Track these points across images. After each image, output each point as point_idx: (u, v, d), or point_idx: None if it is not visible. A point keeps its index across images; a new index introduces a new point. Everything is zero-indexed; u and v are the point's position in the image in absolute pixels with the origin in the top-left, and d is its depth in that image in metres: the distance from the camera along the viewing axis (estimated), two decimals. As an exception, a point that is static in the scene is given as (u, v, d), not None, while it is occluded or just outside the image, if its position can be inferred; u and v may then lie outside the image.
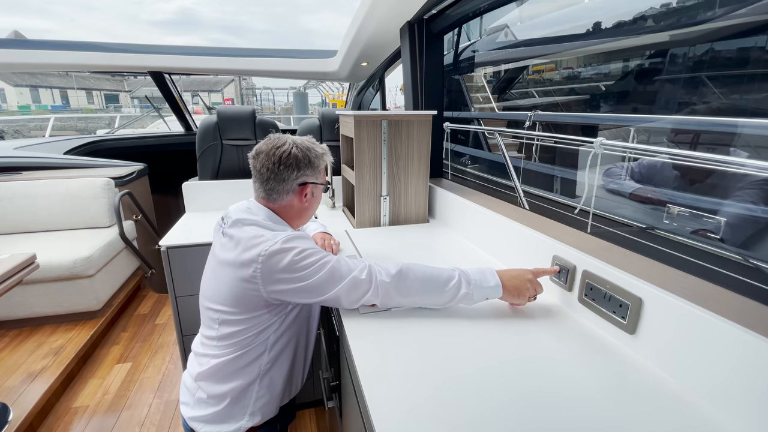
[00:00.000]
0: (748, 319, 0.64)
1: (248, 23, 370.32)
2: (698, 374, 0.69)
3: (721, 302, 0.69)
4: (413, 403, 0.69)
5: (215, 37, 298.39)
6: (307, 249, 0.93)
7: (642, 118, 4.55)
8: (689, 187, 1.71)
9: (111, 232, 2.55)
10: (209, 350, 1.05)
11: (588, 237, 1.06)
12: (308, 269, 0.90)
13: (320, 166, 1.08)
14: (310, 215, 1.13)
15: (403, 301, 0.96)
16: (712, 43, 4.13)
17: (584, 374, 0.76)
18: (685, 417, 0.65)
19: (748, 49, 3.63)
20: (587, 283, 0.93)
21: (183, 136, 3.87)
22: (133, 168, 3.04)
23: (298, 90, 19.15)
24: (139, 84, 13.60)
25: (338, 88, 17.40)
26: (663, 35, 5.17)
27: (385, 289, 0.93)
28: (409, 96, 2.01)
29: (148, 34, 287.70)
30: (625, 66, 5.75)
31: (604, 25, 5.43)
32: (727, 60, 3.81)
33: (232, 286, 0.94)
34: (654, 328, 0.77)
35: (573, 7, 5.52)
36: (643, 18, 5.00)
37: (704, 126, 2.87)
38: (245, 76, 3.18)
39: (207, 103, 6.06)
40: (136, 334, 2.41)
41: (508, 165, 2.08)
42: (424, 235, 1.62)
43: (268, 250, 0.89)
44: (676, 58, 4.54)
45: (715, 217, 1.48)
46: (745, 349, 0.61)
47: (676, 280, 0.78)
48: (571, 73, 6.63)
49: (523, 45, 5.91)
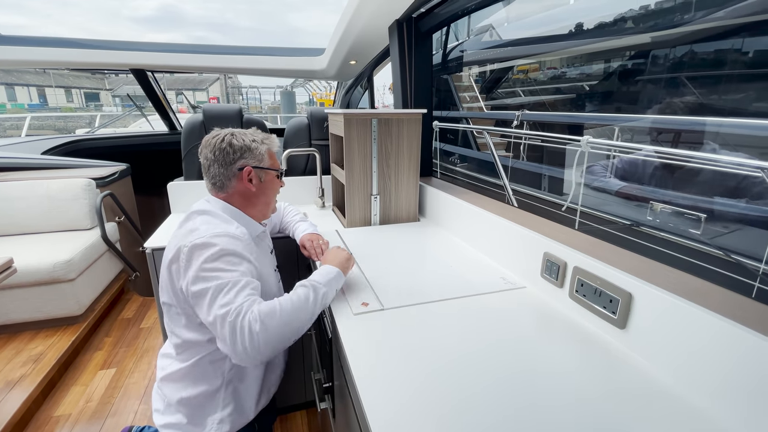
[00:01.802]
0: (734, 312, 0.65)
1: (233, 20, 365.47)
2: (687, 366, 0.70)
3: (708, 296, 0.70)
4: (408, 402, 0.68)
5: (199, 35, 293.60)
6: (227, 255, 0.91)
7: (626, 117, 4.65)
8: (669, 183, 1.76)
9: (93, 235, 2.48)
10: (171, 353, 1.06)
11: (577, 234, 1.07)
12: (213, 273, 0.88)
13: (259, 149, 1.08)
14: (266, 202, 1.13)
15: (284, 336, 0.89)
16: (691, 45, 4.24)
17: (576, 368, 0.77)
18: (675, 408, 0.66)
19: (725, 51, 3.74)
20: (578, 279, 0.94)
21: (167, 135, 3.79)
22: (115, 168, 2.96)
23: (285, 89, 18.97)
24: (120, 82, 13.24)
25: (326, 87, 17.29)
26: (644, 37, 5.29)
27: (258, 345, 0.84)
28: (398, 94, 2.01)
29: (129, 31, 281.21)
30: (607, 66, 5.87)
31: (589, 26, 5.53)
32: (704, 61, 3.92)
33: (166, 278, 0.98)
34: (644, 322, 0.78)
35: (559, 9, 5.60)
36: (624, 20, 5.11)
37: (684, 125, 2.94)
38: (232, 74, 3.12)
39: (192, 102, 5.93)
40: (120, 339, 2.35)
41: (497, 163, 2.09)
42: (415, 234, 1.61)
43: (193, 242, 0.91)
44: (657, 59, 4.65)
45: (695, 213, 1.51)
46: (733, 341, 0.62)
47: (664, 274, 0.80)
48: (554, 73, 6.75)
49: (511, 45, 5.98)
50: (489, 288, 1.10)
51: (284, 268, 1.40)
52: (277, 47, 2.90)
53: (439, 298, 1.04)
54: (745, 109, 3.15)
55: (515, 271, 1.20)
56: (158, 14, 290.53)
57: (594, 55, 5.93)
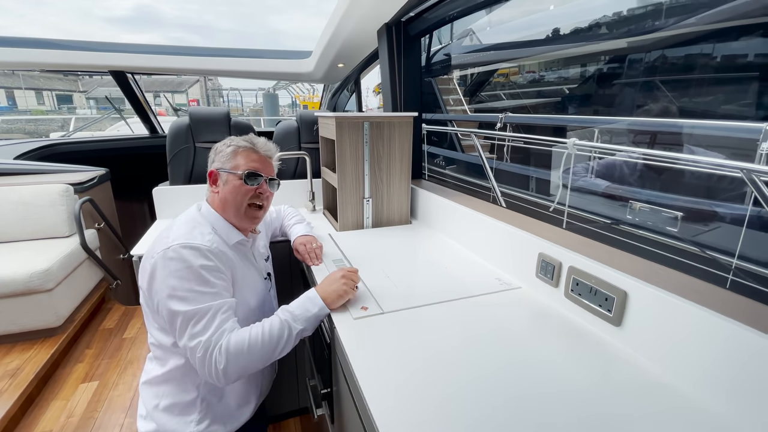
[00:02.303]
0: (728, 309, 0.67)
1: (213, 22, 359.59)
2: (683, 362, 0.72)
3: (702, 293, 0.73)
4: (415, 406, 0.68)
5: (177, 36, 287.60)
6: (195, 274, 0.88)
7: (605, 119, 4.79)
8: (646, 181, 1.82)
9: (71, 242, 2.38)
10: (152, 356, 1.05)
11: (570, 234, 1.10)
12: (183, 293, 0.87)
13: (225, 151, 1.06)
14: (233, 205, 1.04)
15: (249, 369, 0.90)
16: (664, 50, 4.42)
17: (573, 365, 0.78)
18: (673, 401, 0.68)
19: (695, 55, 3.91)
20: (573, 279, 0.96)
21: (147, 138, 3.69)
22: (93, 173, 2.86)
23: (267, 91, 18.77)
24: (95, 84, 12.78)
25: (308, 89, 17.18)
26: (621, 42, 5.47)
27: (223, 374, 0.86)
28: (387, 97, 2.01)
29: (104, 31, 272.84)
30: (585, 71, 6.04)
31: (569, 31, 5.68)
32: (676, 66, 4.09)
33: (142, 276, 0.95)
34: (639, 319, 0.80)
35: (539, 14, 5.73)
36: (598, 25, 5.27)
37: (661, 127, 3.06)
38: (216, 76, 3.03)
39: (172, 104, 5.77)
40: (102, 351, 2.26)
41: (485, 166, 2.12)
42: (408, 237, 1.62)
43: (161, 253, 0.89)
44: (633, 64, 4.81)
45: (671, 211, 1.57)
46: (728, 336, 0.65)
47: (658, 273, 0.82)
48: (533, 77, 6.92)
49: (494, 49, 6.08)
50: (486, 289, 1.12)
51: (277, 272, 1.38)
52: (264, 50, 2.87)
53: (438, 300, 1.05)
54: (714, 111, 3.29)
55: (509, 272, 1.22)
56: (133, 14, 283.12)
57: (572, 60, 6.11)
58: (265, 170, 1.08)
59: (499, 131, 4.58)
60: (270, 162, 1.11)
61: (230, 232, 1.05)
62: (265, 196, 1.09)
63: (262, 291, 1.14)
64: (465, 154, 5.65)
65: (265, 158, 1.09)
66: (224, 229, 1.04)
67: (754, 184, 0.97)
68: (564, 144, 1.74)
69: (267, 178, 1.08)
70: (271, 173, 1.10)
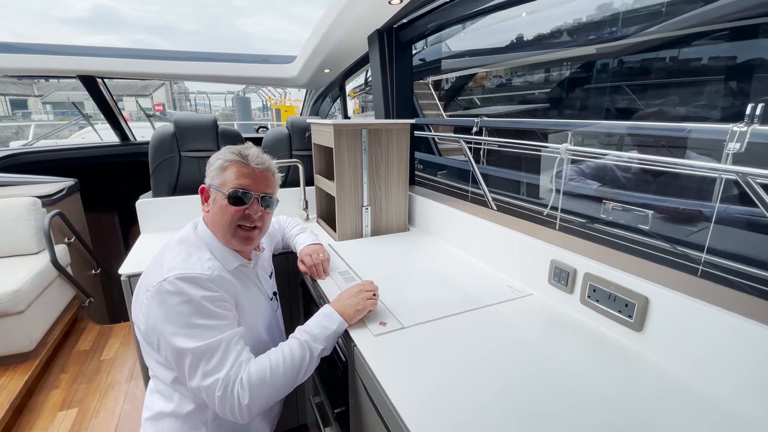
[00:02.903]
0: (755, 312, 0.70)
1: (176, 24, 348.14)
2: (708, 364, 0.74)
3: (726, 298, 0.75)
4: (451, 424, 0.66)
5: (138, 38, 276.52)
6: (197, 308, 0.81)
7: (578, 123, 4.98)
8: (633, 183, 1.90)
9: (41, 260, 2.22)
10: (153, 388, 0.98)
11: (581, 241, 1.11)
12: (187, 330, 0.80)
13: (213, 165, 0.96)
14: (221, 227, 0.94)
15: (272, 400, 0.85)
16: (631, 55, 4.64)
17: (596, 373, 0.79)
18: (700, 405, 0.70)
19: (655, 60, 4.14)
20: (590, 285, 0.97)
21: (118, 146, 3.50)
22: (62, 184, 2.68)
23: (237, 94, 18.31)
24: (51, 87, 11.97)
25: (280, 92, 16.89)
26: (590, 48, 5.70)
27: (247, 410, 0.81)
28: (380, 104, 2.00)
29: (61, 33, 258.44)
30: (549, 75, 6.26)
31: (534, 37, 5.87)
32: (640, 70, 4.31)
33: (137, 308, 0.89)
34: (662, 324, 0.82)
35: (512, 20, 5.89)
36: (565, 32, 5.49)
37: (633, 130, 3.19)
38: (196, 81, 2.88)
39: (145, 111, 5.51)
40: (79, 374, 2.11)
41: (474, 170, 2.13)
42: (409, 244, 1.60)
43: (156, 286, 0.82)
44: (604, 69, 5.03)
45: (645, 210, 1.63)
46: (756, 339, 0.67)
47: (679, 279, 0.84)
48: (500, 81, 7.13)
49: (470, 55, 6.19)
50: (499, 298, 1.11)
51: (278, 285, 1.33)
52: (246, 54, 2.79)
53: (455, 311, 1.03)
54: (671, 112, 3.45)
55: (519, 279, 1.22)
56: (91, 15, 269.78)
57: (536, 65, 6.34)
58: (257, 187, 0.95)
59: (476, 135, 4.67)
60: (264, 175, 0.98)
61: (228, 256, 0.96)
62: (256, 218, 0.96)
63: (268, 314, 1.08)
64: (444, 158, 5.72)
65: (256, 173, 0.96)
66: (221, 252, 0.95)
67: (749, 186, 1.02)
68: (557, 149, 1.79)
69: (258, 195, 0.96)
70: (264, 189, 0.97)
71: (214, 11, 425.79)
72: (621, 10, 4.47)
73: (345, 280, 1.22)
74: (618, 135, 3.59)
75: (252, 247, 1.02)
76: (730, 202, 1.49)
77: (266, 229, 1.02)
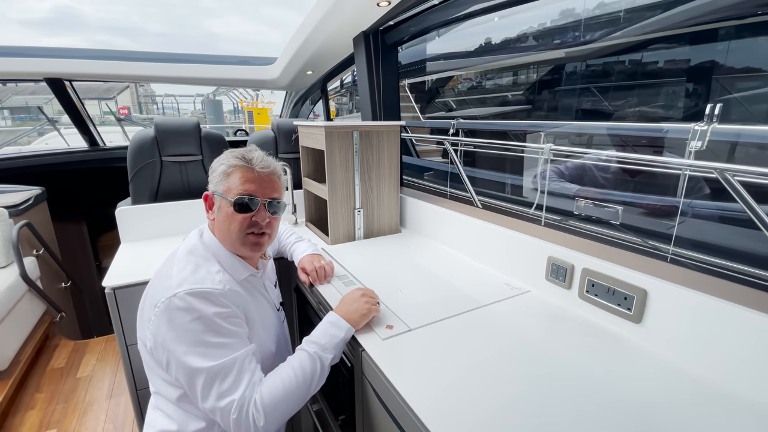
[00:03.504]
0: (760, 304, 0.74)
1: (141, 24, 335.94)
2: (707, 351, 0.78)
3: (723, 289, 0.79)
4: (471, 423, 0.67)
5: (102, 39, 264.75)
6: (210, 325, 0.79)
7: (550, 124, 5.15)
8: (611, 183, 1.98)
9: (9, 273, 2.07)
10: (155, 405, 0.94)
11: (575, 238, 1.15)
12: (200, 348, 0.77)
13: (216, 171, 0.93)
14: (228, 235, 0.91)
15: (286, 417, 0.84)
16: (598, 59, 4.87)
17: (599, 360, 0.82)
18: (700, 391, 0.74)
19: (619, 63, 4.35)
20: (588, 280, 1.01)
21: (87, 152, 3.33)
22: (29, 193, 2.52)
23: (206, 97, 17.82)
24: (9, 92, 11.21)
25: (252, 94, 16.55)
26: (560, 52, 5.93)
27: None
28: (367, 106, 1.99)
29: (20, 35, 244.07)
30: (518, 78, 6.46)
31: (501, 40, 6.03)
32: (606, 73, 4.52)
33: (141, 323, 0.88)
34: (660, 315, 0.86)
35: (486, 24, 6.02)
36: (531, 36, 5.68)
37: (601, 130, 3.32)
38: (170, 83, 2.76)
39: (116, 115, 5.25)
40: (55, 394, 1.99)
41: (460, 172, 2.16)
42: (403, 246, 1.60)
43: (166, 302, 0.79)
44: (573, 72, 5.24)
45: (612, 206, 1.70)
46: (751, 325, 0.71)
47: (675, 272, 0.88)
48: (471, 84, 7.29)
49: (444, 58, 6.28)
50: (498, 296, 1.14)
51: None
52: (224, 56, 2.72)
53: (458, 311, 1.05)
54: (644, 112, 3.62)
55: (515, 276, 1.25)
56: (52, 16, 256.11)
57: (508, 68, 6.52)
58: (263, 192, 0.92)
59: (452, 136, 4.75)
60: (270, 179, 0.95)
61: (238, 266, 0.94)
62: (264, 224, 0.93)
63: (276, 326, 1.05)
64: (423, 159, 5.77)
65: (262, 177, 0.93)
66: (230, 262, 0.92)
67: (728, 182, 1.09)
68: (542, 149, 1.83)
69: (265, 201, 0.93)
70: (270, 194, 0.94)
71: (181, 12, 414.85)
72: (583, 16, 4.68)
73: (344, 285, 1.21)
74: (587, 135, 3.74)
75: (261, 253, 0.99)
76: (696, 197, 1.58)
77: (275, 236, 1.00)
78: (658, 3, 3.08)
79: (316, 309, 1.24)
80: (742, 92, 2.46)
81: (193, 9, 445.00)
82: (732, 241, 1.24)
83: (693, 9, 3.30)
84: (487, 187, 3.48)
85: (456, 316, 1.02)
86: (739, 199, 1.00)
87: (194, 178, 1.88)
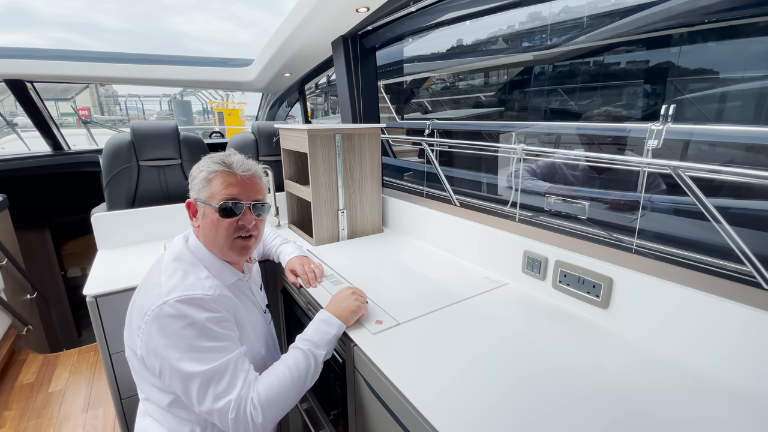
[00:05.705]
0: (709, 286, 0.83)
1: (99, 21, 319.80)
2: (667, 331, 0.87)
3: (682, 276, 0.89)
4: (481, 411, 0.72)
5: (57, 36, 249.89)
6: (202, 330, 0.80)
7: (521, 124, 5.35)
8: (579, 180, 2.11)
9: (-29, 286, 1.97)
10: (144, 410, 0.95)
11: (548, 233, 1.23)
12: (193, 353, 0.78)
13: (197, 177, 0.93)
14: (215, 241, 0.92)
15: (283, 413, 0.86)
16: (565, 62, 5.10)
17: (572, 344, 0.90)
18: (661, 368, 0.83)
19: (584, 64, 4.59)
20: (561, 271, 1.09)
21: (50, 156, 3.18)
22: (-11, 201, 2.40)
23: (174, 97, 17.23)
24: (-48, 91, 10.30)
25: (222, 95, 16.14)
26: (528, 55, 6.15)
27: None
28: (347, 109, 2.03)
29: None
30: (489, 79, 6.67)
31: (472, 42, 6.22)
32: (571, 74, 4.76)
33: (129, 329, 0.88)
34: (625, 301, 0.95)
35: (459, 27, 6.17)
36: (501, 38, 5.89)
37: (568, 130, 3.50)
38: (142, 85, 2.67)
39: (80, 116, 4.99)
40: (26, 411, 1.91)
41: (438, 171, 2.24)
42: (386, 245, 1.65)
43: (156, 309, 0.79)
44: (541, 74, 5.47)
45: (580, 201, 1.83)
46: (711, 308, 0.80)
47: (637, 261, 0.98)
48: (444, 85, 7.46)
49: (418, 60, 6.38)
50: (479, 289, 1.20)
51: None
52: (198, 57, 2.67)
53: (443, 305, 1.10)
54: (608, 112, 3.84)
55: (493, 270, 1.32)
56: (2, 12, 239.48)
57: (479, 69, 6.73)
58: (246, 195, 0.93)
59: (428, 137, 4.87)
60: (252, 182, 0.95)
61: (225, 271, 0.95)
62: (250, 227, 0.94)
63: (263, 327, 1.07)
64: (400, 159, 5.86)
65: (244, 180, 0.93)
66: (218, 267, 0.93)
67: (681, 179, 1.20)
68: (514, 149, 1.93)
69: (250, 203, 0.93)
70: (254, 196, 0.95)
71: (141, 8, 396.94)
72: (549, 21, 4.91)
73: (332, 284, 1.24)
74: (556, 134, 3.94)
75: (248, 256, 1.01)
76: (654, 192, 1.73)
77: (261, 238, 1.01)
78: (615, 11, 3.28)
79: (305, 309, 1.27)
80: (694, 93, 2.67)
81: (153, 5, 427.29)
82: (686, 232, 1.36)
83: (649, 16, 3.54)
84: (464, 186, 3.59)
85: (441, 309, 1.08)
86: (690, 194, 1.11)
87: (173, 182, 1.86)
